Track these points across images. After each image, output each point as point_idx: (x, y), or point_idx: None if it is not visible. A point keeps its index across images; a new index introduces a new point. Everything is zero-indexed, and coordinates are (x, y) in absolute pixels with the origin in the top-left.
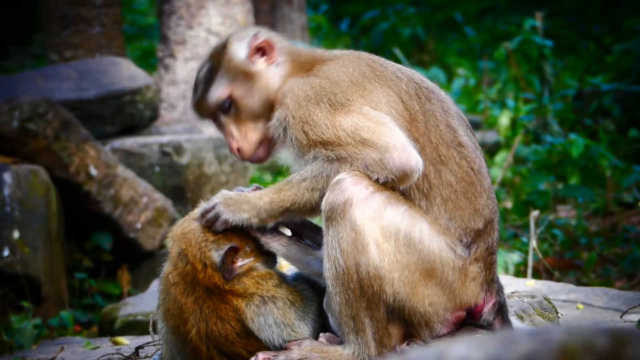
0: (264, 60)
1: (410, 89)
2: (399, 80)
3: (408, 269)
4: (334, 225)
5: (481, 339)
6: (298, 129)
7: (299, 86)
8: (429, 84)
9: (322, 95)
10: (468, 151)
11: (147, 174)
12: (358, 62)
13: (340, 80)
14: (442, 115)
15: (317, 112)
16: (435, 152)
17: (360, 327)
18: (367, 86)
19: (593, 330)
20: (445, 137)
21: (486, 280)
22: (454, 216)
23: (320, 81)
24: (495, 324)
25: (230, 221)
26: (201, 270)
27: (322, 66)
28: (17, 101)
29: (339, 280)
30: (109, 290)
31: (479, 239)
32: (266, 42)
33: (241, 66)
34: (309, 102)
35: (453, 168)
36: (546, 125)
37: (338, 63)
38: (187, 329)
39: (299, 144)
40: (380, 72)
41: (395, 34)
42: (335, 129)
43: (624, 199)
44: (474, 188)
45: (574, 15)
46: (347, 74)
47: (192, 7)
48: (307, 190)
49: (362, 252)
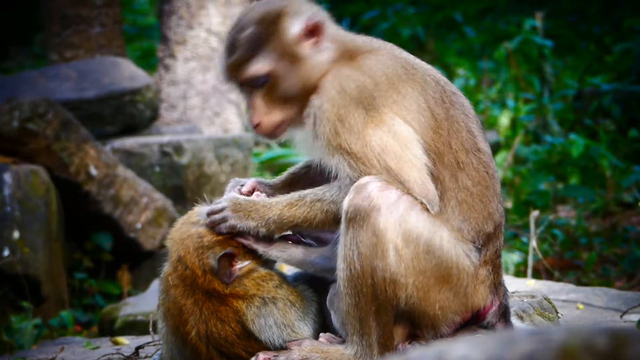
0: (311, 43)
1: (436, 94)
2: (426, 84)
3: (424, 275)
4: (355, 228)
5: (481, 339)
6: (331, 126)
7: (346, 78)
8: (452, 87)
9: (363, 96)
10: (485, 156)
11: (147, 174)
12: (394, 61)
13: (380, 82)
14: (463, 121)
15: (355, 114)
16: (454, 158)
17: (366, 330)
18: (400, 90)
19: (593, 330)
20: (465, 144)
21: (494, 283)
22: (468, 218)
23: (365, 79)
24: (498, 326)
25: (237, 227)
26: (201, 276)
27: (365, 59)
28: (17, 101)
29: (352, 282)
30: (109, 290)
31: (489, 243)
32: (319, 25)
33: (291, 45)
34: (351, 100)
35: (470, 173)
36: (546, 125)
37: (379, 59)
38: (187, 330)
39: (326, 141)
40: (412, 75)
41: (395, 34)
42: (364, 142)
43: (624, 199)
44: (489, 192)
45: (574, 15)
46: (386, 74)
47: (192, 7)
48: (320, 212)
49: (381, 257)
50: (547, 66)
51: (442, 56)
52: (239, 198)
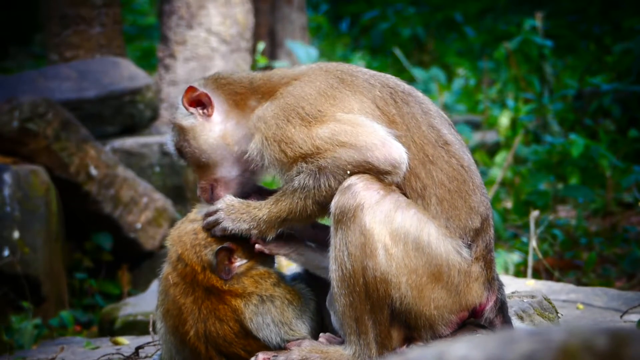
0: (201, 113)
1: (384, 94)
2: (371, 87)
3: (416, 273)
4: (343, 228)
5: (481, 339)
6: (275, 150)
7: (265, 111)
8: (406, 87)
9: (289, 111)
10: (455, 149)
11: (147, 174)
12: (325, 76)
13: (307, 95)
14: (422, 117)
15: (290, 128)
16: (421, 151)
17: (362, 329)
18: (337, 96)
19: (593, 330)
20: (429, 137)
21: (487, 279)
22: (452, 216)
23: (286, 100)
24: (496, 321)
25: (229, 229)
26: (200, 272)
27: (287, 87)
28: (17, 101)
29: (345, 282)
30: (109, 290)
31: (478, 238)
32: (203, 95)
33: (177, 121)
34: (277, 120)
35: (443, 167)
36: (546, 125)
37: (303, 80)
38: (185, 330)
39: (280, 164)
40: (350, 82)
41: (395, 34)
42: (312, 140)
43: (624, 199)
44: (467, 186)
45: (574, 15)
46: (314, 88)
47: (192, 7)
48: (300, 200)
49: (370, 256)
50: (547, 66)
51: (442, 56)
52: (234, 200)
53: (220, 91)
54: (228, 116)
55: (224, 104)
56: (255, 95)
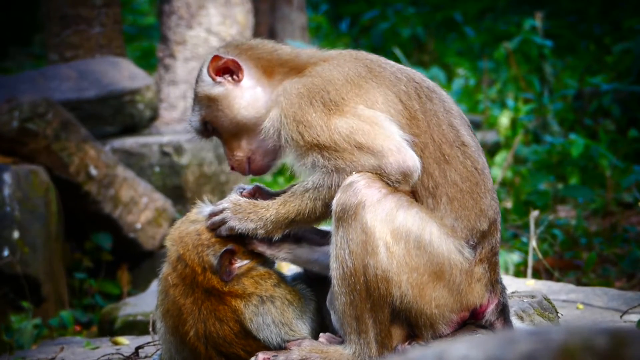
0: (230, 80)
1: (409, 89)
2: (397, 80)
3: (417, 272)
4: (345, 226)
5: (481, 339)
6: (293, 129)
7: (291, 85)
8: (430, 83)
9: (314, 93)
10: (471, 151)
11: (147, 174)
12: (355, 62)
13: (334, 79)
14: (444, 115)
15: (310, 111)
16: (438, 150)
17: (363, 328)
18: (363, 85)
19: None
20: (448, 136)
21: (490, 281)
22: (460, 216)
23: (313, 80)
24: (497, 324)
25: (236, 229)
26: (200, 273)
27: (316, 67)
28: (17, 101)
29: (346, 280)
30: (109, 290)
31: (484, 240)
32: (230, 62)
33: (205, 92)
34: (301, 99)
35: (457, 167)
36: (546, 125)
37: (332, 63)
38: (185, 330)
39: (295, 145)
40: (378, 72)
41: (395, 34)
42: (330, 131)
43: (624, 199)
44: (479, 188)
45: (574, 15)
46: (342, 73)
47: (192, 7)
48: (310, 201)
49: (372, 254)
50: (547, 66)
51: (442, 56)
52: (240, 200)
53: (246, 56)
54: (258, 81)
55: (252, 68)
56: (282, 67)
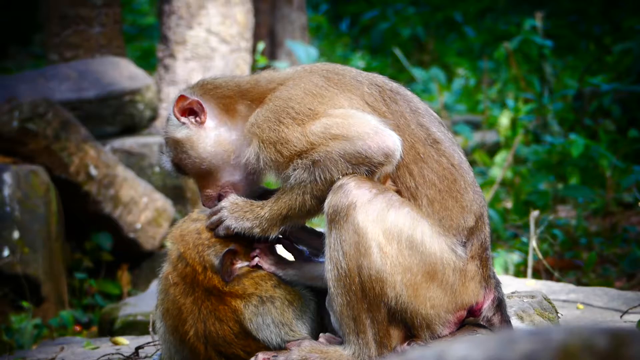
0: (193, 122)
1: (373, 91)
2: (359, 83)
3: (410, 272)
4: (337, 228)
5: (481, 339)
6: (271, 151)
7: (258, 116)
8: (393, 85)
9: (279, 112)
10: (445, 147)
11: (147, 174)
12: (309, 76)
13: (294, 96)
14: (410, 115)
15: (282, 128)
16: (412, 149)
17: (361, 329)
18: (324, 94)
19: (593, 330)
20: (419, 135)
21: (484, 277)
22: (443, 217)
23: (275, 103)
24: (494, 319)
25: (232, 228)
26: (201, 272)
27: (275, 92)
28: (17, 101)
29: (341, 282)
30: (109, 290)
31: (473, 236)
32: (194, 102)
33: (171, 134)
34: (270, 123)
35: (433, 166)
36: (546, 125)
37: (288, 84)
38: (185, 330)
39: (276, 164)
40: (337, 80)
41: (395, 34)
42: (306, 136)
43: (624, 199)
44: (458, 185)
45: (574, 15)
46: (300, 89)
47: (192, 7)
48: (298, 196)
49: (365, 255)
50: (547, 66)
51: (442, 56)
52: (238, 199)
53: (209, 96)
54: (221, 121)
55: (215, 109)
56: (244, 100)
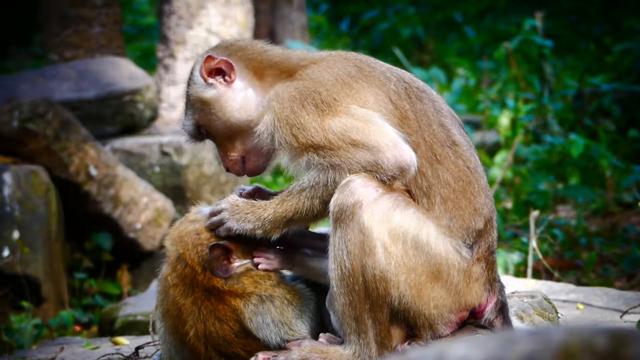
0: (222, 81)
1: (399, 88)
2: (387, 80)
3: (415, 272)
4: (342, 227)
5: (481, 339)
6: (287, 132)
7: (283, 89)
8: (420, 83)
9: (306, 95)
10: (463, 150)
11: (147, 174)
12: (344, 63)
13: (325, 80)
14: (434, 115)
15: (303, 114)
16: (430, 150)
17: (362, 329)
18: (353, 85)
19: (593, 330)
20: (438, 136)
21: (489, 280)
22: (455, 216)
23: (304, 82)
24: (496, 323)
25: (233, 229)
26: (200, 273)
27: (306, 69)
28: (17, 101)
29: (344, 281)
30: (109, 290)
31: (480, 239)
32: (223, 62)
33: (197, 94)
34: (293, 102)
35: (449, 167)
36: (546, 125)
37: (322, 65)
38: (185, 330)
39: (289, 147)
40: (368, 72)
41: (395, 34)
42: (324, 132)
43: (624, 199)
44: (472, 187)
45: (574, 15)
46: (332, 74)
47: (192, 7)
48: (307, 199)
49: (369, 254)
50: (547, 66)
51: (442, 56)
52: (238, 200)
53: (237, 57)
54: (250, 82)
55: (244, 69)
56: (273, 70)
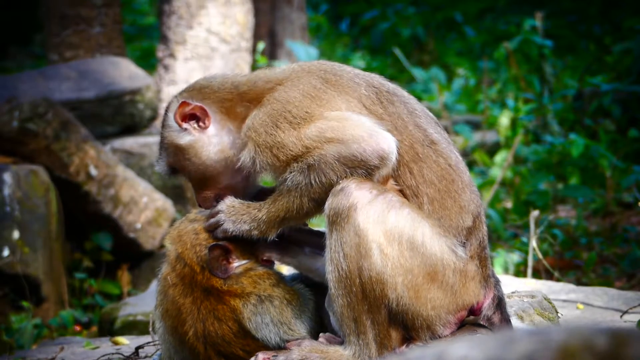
0: (196, 127)
1: (370, 93)
2: (357, 85)
3: (411, 273)
4: (338, 229)
5: (481, 339)
6: (267, 155)
7: (254, 119)
8: (390, 86)
9: (277, 117)
10: (442, 147)
11: (147, 174)
12: (308, 77)
13: (292, 98)
14: (407, 117)
15: (279, 133)
16: (412, 150)
17: (361, 329)
18: (322, 97)
19: (593, 330)
20: (416, 137)
21: (483, 276)
22: (442, 216)
23: (272, 106)
24: (494, 318)
25: (230, 231)
26: (199, 272)
27: (273, 93)
28: (17, 101)
29: (342, 283)
30: (109, 290)
31: (471, 236)
32: (197, 108)
33: (173, 140)
34: (266, 127)
35: (432, 166)
36: (546, 125)
37: (287, 85)
38: (184, 330)
39: (273, 168)
40: (335, 81)
41: (395, 34)
42: (301, 140)
43: (624, 199)
44: (456, 185)
45: (574, 15)
46: (299, 91)
47: (192, 7)
48: (295, 198)
49: (365, 256)
50: (547, 66)
51: (442, 56)
52: (235, 202)
53: (210, 101)
54: (223, 125)
55: (217, 113)
56: (242, 102)
